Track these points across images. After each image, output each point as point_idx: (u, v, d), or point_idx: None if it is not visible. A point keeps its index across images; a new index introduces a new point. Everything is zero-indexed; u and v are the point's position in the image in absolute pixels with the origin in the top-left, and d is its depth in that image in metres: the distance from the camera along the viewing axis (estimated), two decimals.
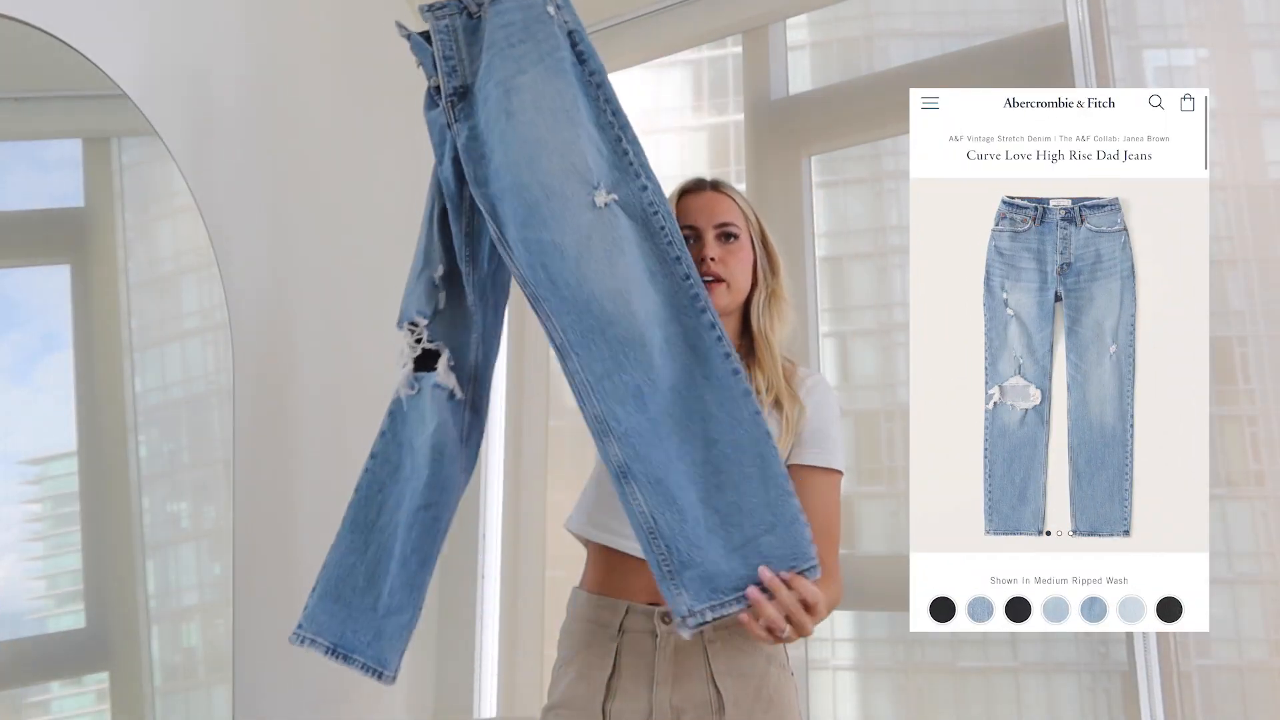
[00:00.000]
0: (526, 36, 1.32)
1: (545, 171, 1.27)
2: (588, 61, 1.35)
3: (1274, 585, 1.61)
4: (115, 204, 1.61)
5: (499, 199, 1.28)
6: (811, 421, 1.39)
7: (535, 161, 1.27)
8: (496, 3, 1.34)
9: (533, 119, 1.28)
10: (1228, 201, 1.71)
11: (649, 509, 1.19)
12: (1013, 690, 1.85)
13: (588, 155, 1.31)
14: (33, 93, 1.52)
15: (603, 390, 1.22)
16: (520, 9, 1.33)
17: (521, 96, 1.29)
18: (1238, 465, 1.65)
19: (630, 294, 1.25)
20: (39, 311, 1.50)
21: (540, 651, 2.00)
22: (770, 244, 1.48)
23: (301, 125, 1.96)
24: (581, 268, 1.25)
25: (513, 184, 1.26)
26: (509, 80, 1.30)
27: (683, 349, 1.26)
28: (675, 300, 1.28)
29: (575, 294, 1.24)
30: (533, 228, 1.25)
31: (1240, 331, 1.66)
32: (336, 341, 1.98)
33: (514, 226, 1.26)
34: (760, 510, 1.18)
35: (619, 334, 1.23)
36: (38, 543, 1.46)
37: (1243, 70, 1.76)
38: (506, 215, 1.27)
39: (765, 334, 1.44)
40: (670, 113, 2.43)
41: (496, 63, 1.31)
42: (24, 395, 1.44)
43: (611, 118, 1.34)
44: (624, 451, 1.21)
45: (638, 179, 1.32)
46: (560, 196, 1.27)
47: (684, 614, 1.16)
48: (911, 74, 2.02)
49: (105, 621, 1.51)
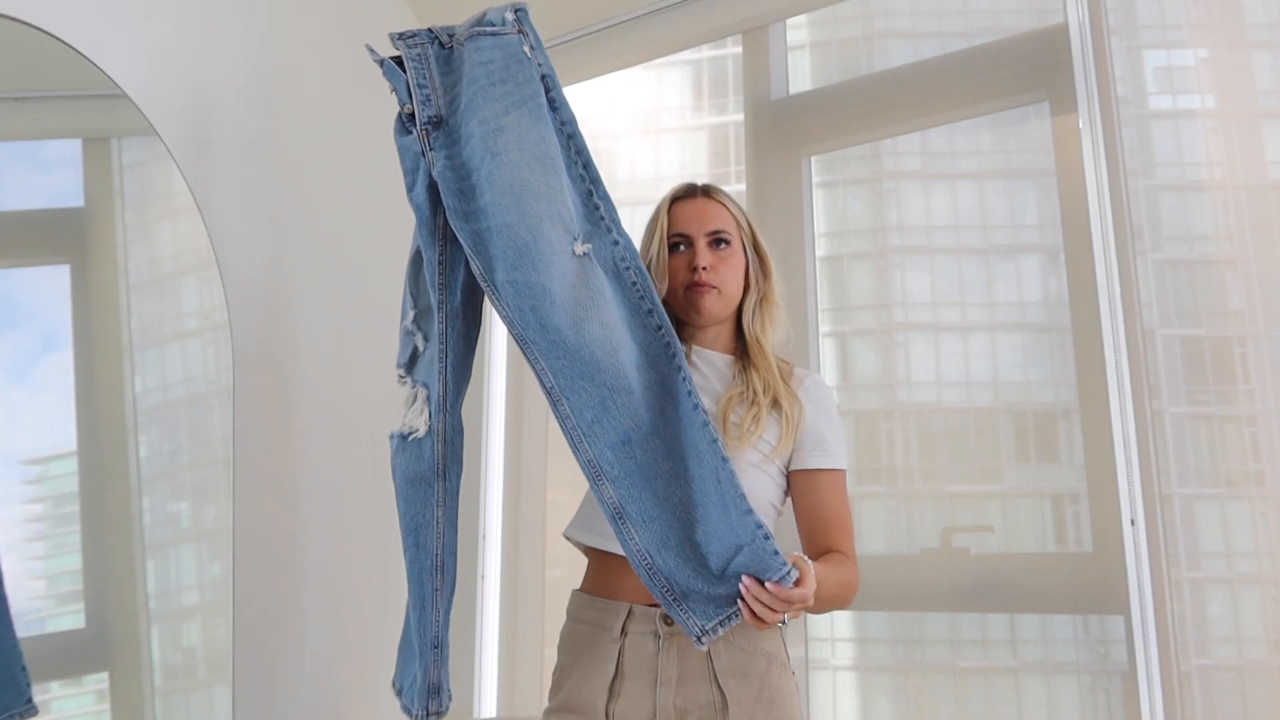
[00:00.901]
0: (506, 77, 1.33)
1: (533, 215, 1.27)
2: (559, 110, 1.35)
3: (1274, 585, 1.61)
4: (115, 204, 1.60)
5: (486, 238, 1.27)
6: (811, 425, 1.41)
7: (522, 204, 1.27)
8: (474, 39, 1.35)
9: (517, 161, 1.29)
10: (1228, 201, 1.71)
11: (645, 547, 1.24)
12: (1013, 690, 1.85)
13: (569, 204, 1.32)
14: (33, 93, 1.52)
15: (594, 436, 1.24)
16: (499, 47, 1.34)
17: (506, 138, 1.29)
18: (1238, 465, 1.65)
19: (616, 342, 1.27)
20: (39, 311, 1.50)
21: (540, 652, 1.99)
22: (762, 248, 1.50)
23: (301, 125, 1.96)
24: (570, 313, 1.25)
25: (500, 224, 1.26)
26: (493, 120, 1.30)
27: (659, 394, 1.29)
28: (650, 350, 1.30)
29: (566, 339, 1.24)
30: (522, 270, 1.25)
31: (1240, 331, 1.66)
32: (336, 341, 1.98)
33: (502, 268, 1.25)
34: (727, 535, 1.23)
35: (608, 380, 1.25)
36: (38, 543, 1.46)
37: (1243, 70, 1.76)
38: (494, 255, 1.26)
39: (758, 337, 1.46)
40: (670, 113, 2.43)
41: (478, 101, 1.31)
42: (24, 395, 1.44)
43: (583, 170, 1.35)
44: (618, 494, 1.24)
45: (609, 234, 1.34)
46: (547, 240, 1.27)
47: (698, 634, 1.23)
48: (911, 74, 2.02)
49: (105, 621, 1.51)
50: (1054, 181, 1.84)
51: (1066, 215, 1.81)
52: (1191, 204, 1.77)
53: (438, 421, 1.35)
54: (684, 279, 1.44)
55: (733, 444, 1.37)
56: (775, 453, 1.39)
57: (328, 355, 1.96)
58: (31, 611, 1.43)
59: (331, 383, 1.95)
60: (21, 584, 1.40)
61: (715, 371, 1.46)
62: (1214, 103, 1.77)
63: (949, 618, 1.85)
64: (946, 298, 1.98)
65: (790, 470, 1.41)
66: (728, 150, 2.31)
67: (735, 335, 1.49)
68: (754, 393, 1.40)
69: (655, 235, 1.47)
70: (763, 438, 1.39)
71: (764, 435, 1.39)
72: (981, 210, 2.00)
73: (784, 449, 1.39)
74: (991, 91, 1.93)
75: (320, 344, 1.95)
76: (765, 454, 1.39)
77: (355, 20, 2.15)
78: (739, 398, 1.40)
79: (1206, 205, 1.75)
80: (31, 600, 1.43)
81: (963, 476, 1.91)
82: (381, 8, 2.24)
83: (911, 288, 2.01)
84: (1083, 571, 1.73)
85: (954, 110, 1.96)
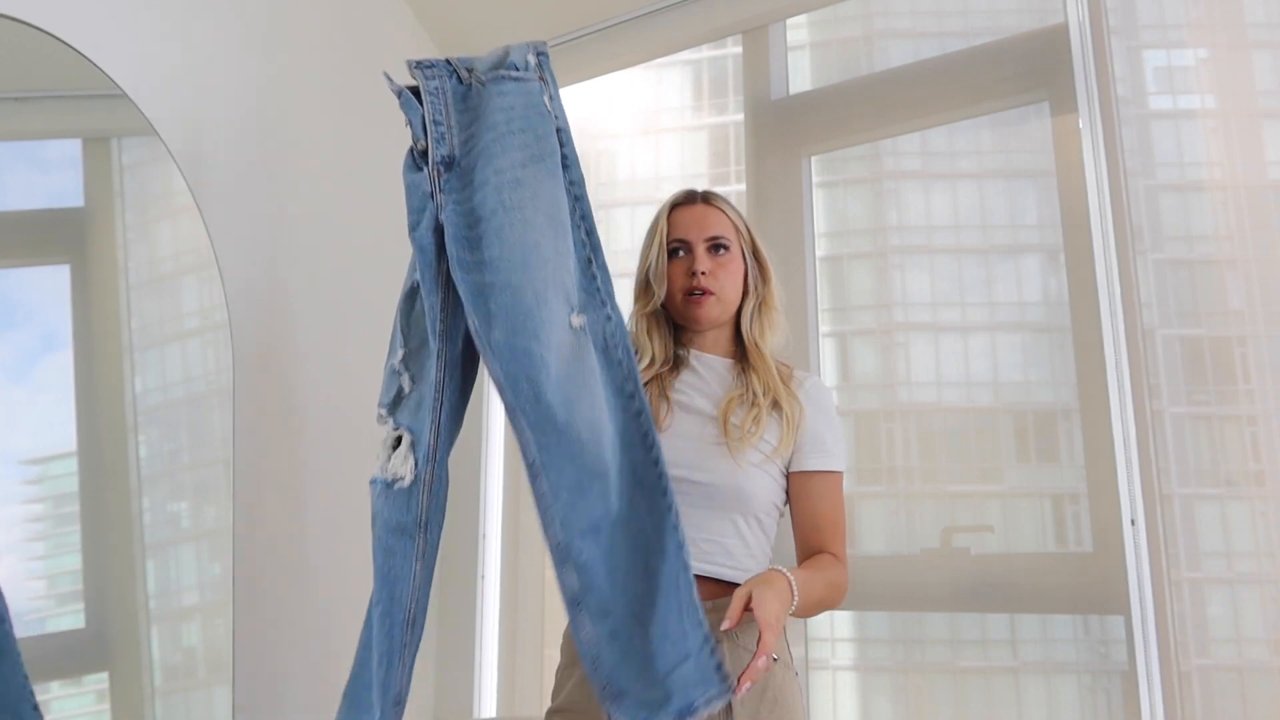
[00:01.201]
0: (526, 126, 1.28)
1: (540, 279, 1.21)
2: (570, 169, 1.30)
3: (1274, 585, 1.61)
4: (115, 204, 1.60)
5: (487, 293, 1.21)
6: (810, 426, 1.43)
7: (529, 265, 1.22)
8: (498, 81, 1.29)
9: (530, 218, 1.24)
10: (1228, 201, 1.71)
11: (594, 641, 1.17)
12: (1013, 690, 1.85)
13: (572, 271, 1.26)
14: (33, 93, 1.52)
15: (567, 519, 1.18)
16: (521, 94, 1.29)
17: (521, 192, 1.24)
18: (1238, 465, 1.65)
19: (600, 425, 1.22)
20: (39, 311, 1.49)
21: (540, 652, 2.00)
22: (761, 253, 1.51)
23: (301, 125, 1.96)
24: (564, 389, 1.20)
25: (505, 282, 1.21)
26: (510, 171, 1.25)
27: (630, 483, 1.23)
28: (627, 435, 1.25)
29: (557, 415, 1.18)
30: (522, 336, 1.19)
31: (1240, 331, 1.66)
32: (336, 341, 1.98)
33: (501, 329, 1.19)
34: (679, 640, 1.18)
35: (588, 464, 1.20)
36: (38, 543, 1.46)
37: (1243, 70, 1.76)
38: (494, 313, 1.20)
39: (757, 342, 1.48)
40: (670, 113, 2.43)
41: (495, 148, 1.26)
42: (24, 395, 1.44)
43: (585, 236, 1.30)
44: (580, 582, 1.18)
45: (603, 307, 1.28)
46: (549, 308, 1.21)
47: None
48: (911, 74, 2.02)
49: (105, 621, 1.51)
50: (1054, 181, 1.84)
51: (1066, 215, 1.81)
52: (1191, 204, 1.77)
53: (424, 471, 1.27)
54: (683, 284, 1.46)
55: (734, 444, 1.38)
56: (776, 453, 1.40)
57: (328, 355, 1.96)
58: (31, 611, 1.42)
59: (331, 382, 1.95)
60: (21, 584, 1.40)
61: (715, 375, 1.48)
62: (1214, 103, 1.77)
63: (949, 618, 1.86)
64: (946, 298, 1.98)
65: (789, 471, 1.43)
66: (728, 150, 2.31)
67: (734, 339, 1.51)
68: (754, 395, 1.42)
69: (655, 241, 1.49)
70: (763, 438, 1.40)
71: (765, 436, 1.40)
72: (981, 210, 2.00)
73: (784, 450, 1.41)
74: (991, 91, 1.93)
75: (320, 344, 1.94)
76: (766, 454, 1.40)
77: (356, 21, 2.15)
78: (739, 400, 1.42)
79: (1206, 205, 1.75)
80: (31, 600, 1.43)
81: (963, 476, 1.91)
82: (381, 9, 2.24)
83: (911, 288, 2.01)
84: (1083, 571, 1.73)
85: (954, 110, 1.96)
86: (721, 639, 1.29)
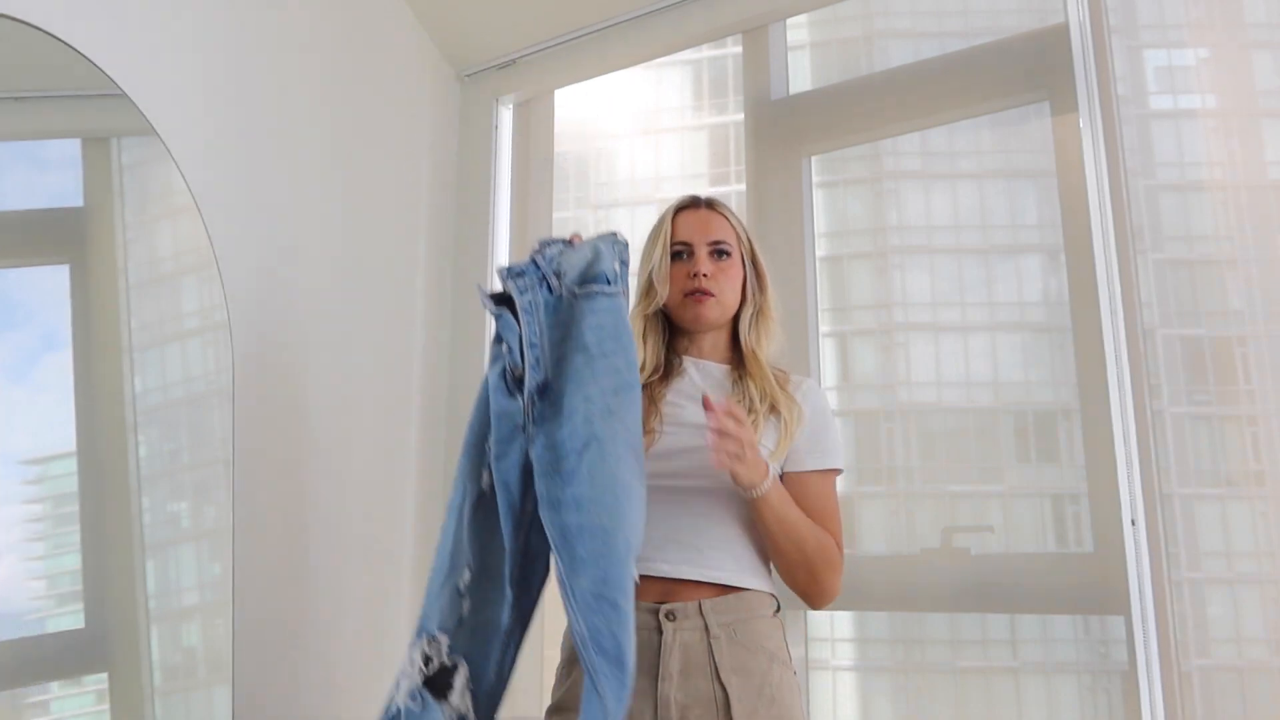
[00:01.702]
0: (616, 347, 1.19)
1: (630, 525, 1.12)
2: None
3: (1274, 585, 1.61)
4: (115, 204, 1.60)
5: (574, 537, 1.11)
6: (808, 428, 1.45)
7: (619, 510, 1.12)
8: (591, 298, 1.20)
9: (622, 455, 1.14)
10: (1228, 201, 1.71)
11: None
12: (1013, 690, 1.85)
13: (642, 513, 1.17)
14: (33, 93, 1.52)
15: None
16: (612, 311, 1.21)
17: (612, 424, 1.15)
18: (1238, 465, 1.65)
19: None
20: (39, 311, 1.49)
21: (540, 651, 1.99)
22: (760, 263, 1.55)
23: (301, 125, 1.96)
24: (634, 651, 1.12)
25: (595, 526, 1.11)
26: (600, 399, 1.16)
27: None
28: None
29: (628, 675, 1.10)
30: (611, 587, 1.09)
31: (1240, 331, 1.66)
32: (336, 341, 1.98)
33: (590, 578, 1.09)
34: None
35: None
36: (38, 543, 1.46)
37: (1243, 70, 1.76)
38: (582, 558, 1.10)
39: (753, 349, 1.50)
40: (670, 113, 2.43)
41: (586, 373, 1.17)
42: (24, 395, 1.44)
43: None
44: None
45: None
46: (635, 558, 1.12)
47: None
48: (911, 74, 2.02)
49: (105, 621, 1.51)
50: (1054, 181, 1.84)
51: (1066, 215, 1.81)
52: (1191, 204, 1.77)
53: (482, 712, 1.19)
54: (684, 285, 1.49)
55: None
56: (773, 457, 1.42)
57: (328, 355, 1.96)
58: (31, 611, 1.42)
59: (332, 382, 1.95)
60: (21, 584, 1.40)
61: (712, 380, 1.49)
62: (1214, 102, 1.77)
63: (949, 618, 1.86)
64: (946, 298, 1.98)
65: (785, 472, 1.44)
66: (728, 150, 2.31)
67: (731, 346, 1.54)
68: (751, 400, 1.44)
69: (659, 242, 1.52)
70: (761, 442, 1.41)
71: (763, 440, 1.42)
72: (981, 210, 2.00)
73: (781, 454, 1.43)
74: (991, 91, 1.93)
75: (320, 344, 1.94)
76: (764, 458, 1.40)
77: (355, 21, 2.15)
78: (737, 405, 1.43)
79: (1206, 205, 1.75)
80: (31, 600, 1.43)
81: (963, 476, 1.91)
82: (381, 8, 2.24)
83: (911, 288, 2.01)
84: (1083, 571, 1.73)
85: (954, 110, 1.96)
86: (718, 635, 1.32)
